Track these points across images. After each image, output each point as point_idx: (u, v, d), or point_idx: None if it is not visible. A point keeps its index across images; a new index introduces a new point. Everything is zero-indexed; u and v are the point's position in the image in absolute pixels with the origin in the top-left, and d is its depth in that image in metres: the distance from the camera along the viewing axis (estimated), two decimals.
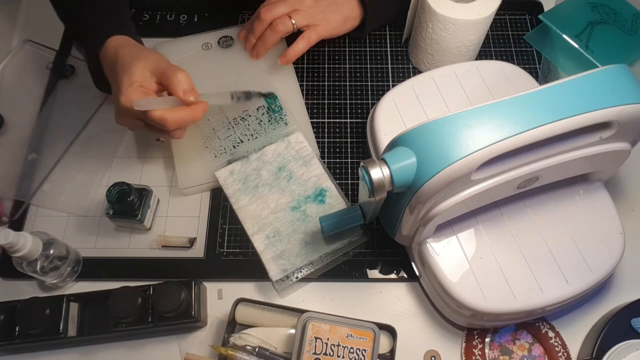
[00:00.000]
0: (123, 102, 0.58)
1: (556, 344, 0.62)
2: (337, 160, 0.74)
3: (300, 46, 0.74)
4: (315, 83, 0.80)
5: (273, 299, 0.65)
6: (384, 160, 0.48)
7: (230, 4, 0.85)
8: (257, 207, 0.68)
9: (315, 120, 0.76)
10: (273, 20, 0.73)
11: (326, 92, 0.79)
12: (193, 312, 0.60)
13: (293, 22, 0.72)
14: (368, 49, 0.82)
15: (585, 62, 0.76)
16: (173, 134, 0.62)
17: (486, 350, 0.62)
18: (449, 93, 0.68)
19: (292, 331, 0.61)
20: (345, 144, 0.75)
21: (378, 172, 0.47)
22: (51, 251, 0.60)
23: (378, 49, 0.82)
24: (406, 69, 0.81)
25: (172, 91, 0.59)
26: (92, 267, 0.67)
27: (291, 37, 0.75)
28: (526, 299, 0.56)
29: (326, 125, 0.76)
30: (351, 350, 0.57)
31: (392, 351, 0.60)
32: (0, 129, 0.75)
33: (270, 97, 0.74)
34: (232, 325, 0.62)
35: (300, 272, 0.65)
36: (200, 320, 0.62)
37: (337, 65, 0.81)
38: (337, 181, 0.71)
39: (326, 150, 0.74)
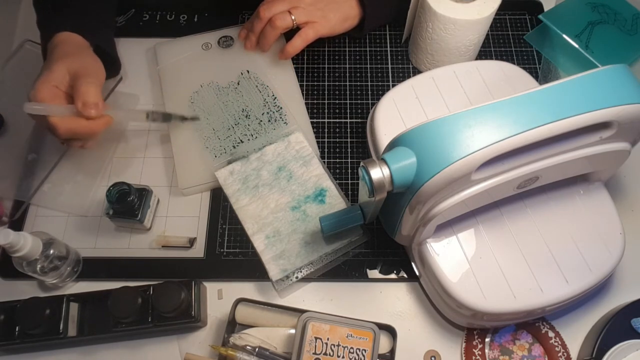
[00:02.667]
0: (30, 98, 0.59)
1: (556, 344, 0.62)
2: (337, 160, 0.74)
3: (298, 42, 0.74)
4: (315, 83, 0.80)
5: (273, 299, 0.65)
6: (384, 160, 0.48)
7: (230, 4, 0.85)
8: (257, 207, 0.68)
9: (315, 120, 0.76)
10: (272, 17, 0.73)
11: (326, 92, 0.79)
12: (193, 312, 0.60)
13: (293, 17, 0.72)
14: (368, 49, 0.82)
15: (585, 62, 0.76)
16: (72, 144, 0.62)
17: (486, 350, 0.62)
18: (449, 93, 0.68)
19: (292, 331, 0.61)
20: (345, 144, 0.75)
21: (378, 172, 0.47)
22: (51, 251, 0.60)
23: (378, 49, 0.82)
24: (406, 69, 0.81)
25: (74, 100, 0.60)
26: (92, 267, 0.67)
27: (292, 36, 0.75)
28: (526, 299, 0.56)
29: (326, 125, 0.76)
30: (351, 350, 0.56)
31: (392, 351, 0.60)
32: (0, 129, 0.75)
33: (193, 120, 0.73)
34: (232, 325, 0.62)
35: (300, 272, 0.65)
36: (200, 320, 0.62)
37: (337, 65, 0.81)
38: (337, 181, 0.71)
39: (326, 150, 0.74)
